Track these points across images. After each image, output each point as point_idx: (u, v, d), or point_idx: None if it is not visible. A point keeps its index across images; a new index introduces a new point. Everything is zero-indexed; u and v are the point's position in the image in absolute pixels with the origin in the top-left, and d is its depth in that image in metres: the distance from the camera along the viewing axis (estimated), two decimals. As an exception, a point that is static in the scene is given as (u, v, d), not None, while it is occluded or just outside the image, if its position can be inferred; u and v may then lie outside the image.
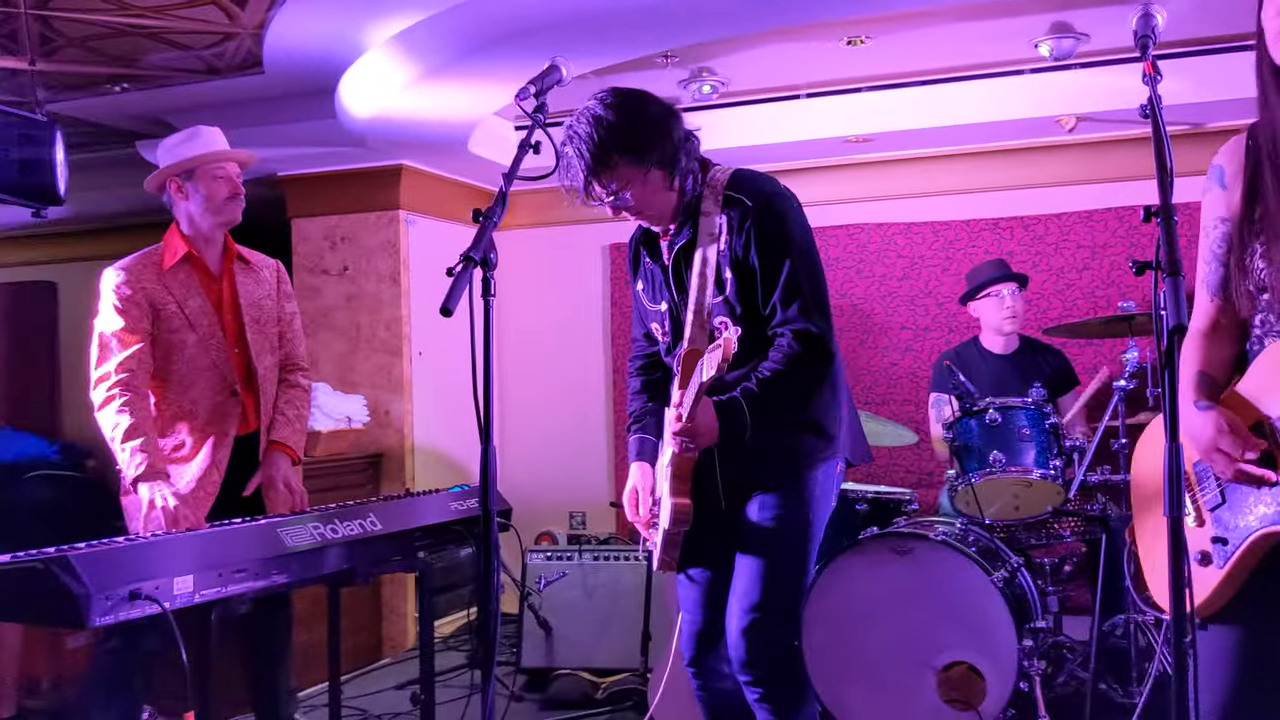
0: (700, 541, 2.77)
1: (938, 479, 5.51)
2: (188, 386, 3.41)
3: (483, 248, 2.01)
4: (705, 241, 2.67)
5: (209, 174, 3.42)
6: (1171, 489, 1.60)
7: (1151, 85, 1.84)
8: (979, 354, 4.87)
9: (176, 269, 3.42)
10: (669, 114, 2.67)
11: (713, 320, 2.65)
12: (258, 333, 3.54)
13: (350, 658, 5.35)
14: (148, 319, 3.35)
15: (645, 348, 3.02)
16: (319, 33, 4.24)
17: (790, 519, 2.73)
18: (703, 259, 2.66)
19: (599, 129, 2.57)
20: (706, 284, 2.65)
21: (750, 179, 2.74)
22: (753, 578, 2.70)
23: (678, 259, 2.74)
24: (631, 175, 2.61)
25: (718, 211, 2.68)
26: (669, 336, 2.83)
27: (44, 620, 2.58)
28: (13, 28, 4.21)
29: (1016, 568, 3.84)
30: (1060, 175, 5.67)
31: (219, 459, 3.40)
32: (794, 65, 5.00)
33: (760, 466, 2.72)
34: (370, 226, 5.95)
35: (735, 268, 2.64)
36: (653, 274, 2.85)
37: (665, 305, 2.81)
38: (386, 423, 5.90)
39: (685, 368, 2.63)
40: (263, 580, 2.71)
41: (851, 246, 6.02)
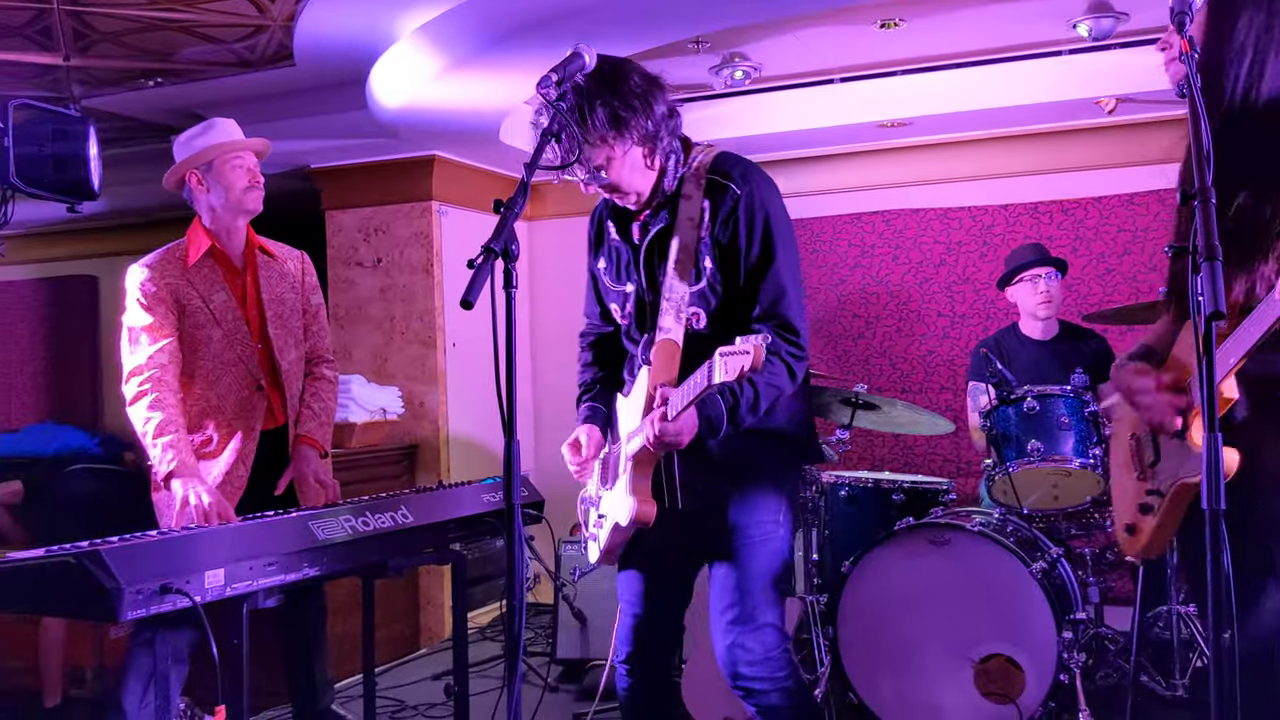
0: (649, 537, 2.65)
1: (976, 468, 5.45)
2: (214, 382, 3.42)
3: (504, 239, 1.98)
4: (685, 227, 2.56)
5: (227, 164, 3.43)
6: (1210, 481, 1.56)
7: (1189, 64, 1.79)
8: (1018, 340, 4.80)
9: (200, 264, 3.43)
10: (652, 85, 2.54)
11: (687, 309, 2.56)
12: (281, 326, 3.55)
13: (388, 648, 5.38)
14: (174, 315, 3.37)
15: (600, 326, 2.91)
16: (348, 24, 4.23)
17: (769, 527, 2.65)
18: (681, 245, 2.56)
19: (577, 100, 2.44)
20: (685, 271, 2.55)
21: (737, 164, 2.63)
22: (735, 589, 2.62)
23: (652, 243, 2.63)
24: (610, 150, 2.49)
25: (700, 196, 2.57)
26: (629, 320, 2.72)
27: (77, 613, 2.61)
28: (47, 24, 4.24)
29: (1056, 558, 3.79)
30: (1100, 158, 5.57)
31: (245, 454, 3.41)
32: (827, 49, 4.94)
33: (734, 470, 2.63)
34: (403, 218, 5.96)
35: (716, 256, 2.55)
36: (619, 252, 2.73)
37: (631, 288, 2.69)
38: (421, 414, 5.91)
39: (662, 357, 2.54)
40: (294, 573, 2.72)
41: (887, 233, 5.95)
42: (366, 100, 4.90)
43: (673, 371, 2.52)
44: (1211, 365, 1.57)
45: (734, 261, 2.53)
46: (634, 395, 2.67)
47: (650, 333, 2.62)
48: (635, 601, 2.78)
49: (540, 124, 2.42)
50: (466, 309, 1.84)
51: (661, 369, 2.53)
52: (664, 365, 2.53)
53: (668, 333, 2.55)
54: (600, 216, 2.81)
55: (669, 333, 2.55)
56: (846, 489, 4.28)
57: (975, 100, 5.22)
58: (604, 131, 2.44)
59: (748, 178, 2.58)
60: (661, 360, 2.54)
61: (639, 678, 2.80)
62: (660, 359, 2.54)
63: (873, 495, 4.24)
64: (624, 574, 2.81)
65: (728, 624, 2.62)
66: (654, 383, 2.51)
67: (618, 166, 2.51)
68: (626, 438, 2.65)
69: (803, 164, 6.13)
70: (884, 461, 5.82)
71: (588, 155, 2.47)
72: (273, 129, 5.41)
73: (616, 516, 2.63)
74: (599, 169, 2.50)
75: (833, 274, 6.06)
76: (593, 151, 2.47)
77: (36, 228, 7.78)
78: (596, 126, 2.44)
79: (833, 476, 4.36)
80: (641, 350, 2.66)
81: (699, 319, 2.56)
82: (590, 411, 2.82)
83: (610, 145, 2.47)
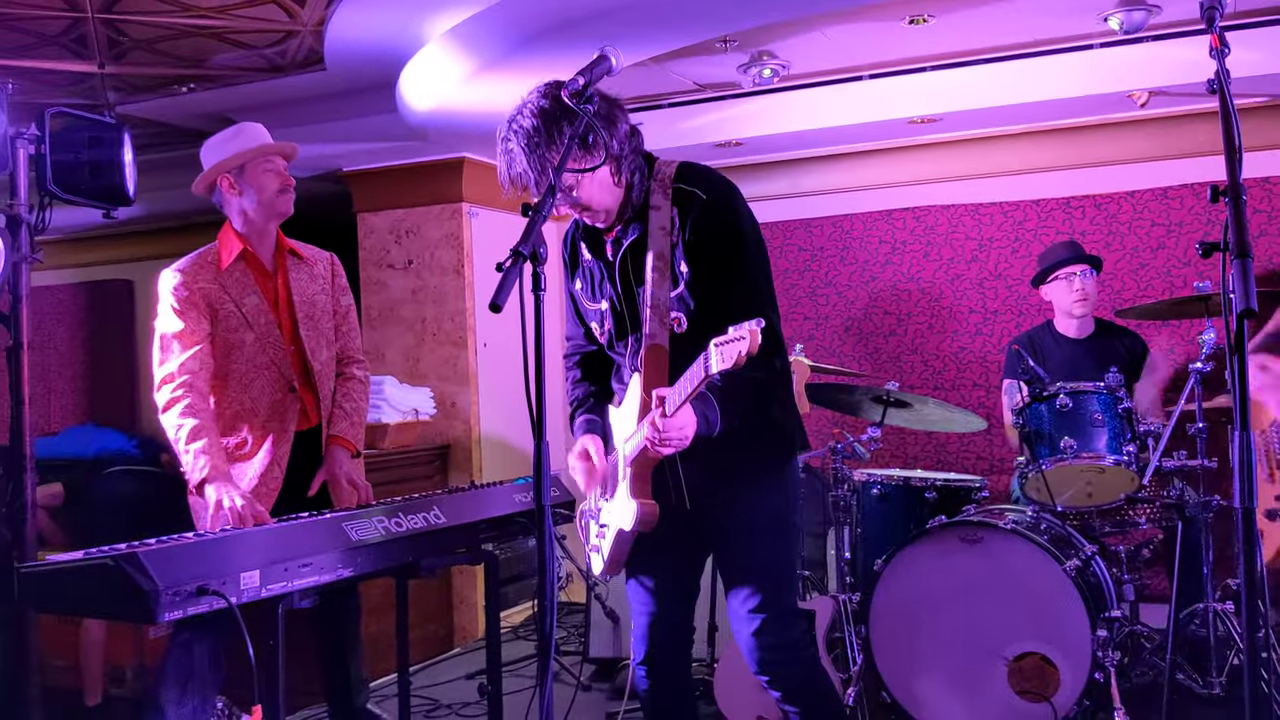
0: (654, 539, 2.67)
1: (1009, 465, 5.42)
2: (247, 385, 3.44)
3: (532, 241, 1.99)
4: (657, 235, 2.62)
5: (259, 168, 3.44)
6: (1242, 480, 1.55)
7: (1219, 59, 1.77)
8: (1053, 338, 4.77)
9: (232, 268, 3.44)
10: (613, 107, 2.58)
11: (669, 315, 2.60)
12: (312, 328, 3.56)
13: (422, 647, 5.41)
14: (206, 319, 3.38)
15: (583, 345, 2.95)
16: (377, 28, 4.26)
17: (778, 517, 2.72)
18: (657, 252, 2.61)
19: (543, 121, 2.49)
20: (663, 278, 2.60)
21: (700, 171, 2.68)
22: (752, 581, 2.69)
23: (625, 255, 2.68)
24: (574, 175, 2.54)
25: (668, 205, 2.62)
26: (609, 334, 2.77)
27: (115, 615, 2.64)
28: (81, 32, 4.29)
29: (1090, 556, 3.76)
30: (1133, 152, 5.52)
31: (279, 455, 3.43)
32: (856, 46, 4.92)
33: (735, 466, 2.68)
34: (434, 219, 5.99)
35: (690, 260, 2.59)
36: (592, 271, 2.78)
37: (605, 304, 2.75)
38: (453, 414, 5.94)
39: (651, 362, 2.59)
40: (328, 574, 2.74)
41: (918, 229, 5.93)
42: (396, 103, 4.93)
43: (664, 372, 2.58)
44: (1244, 362, 1.56)
45: (706, 264, 2.58)
46: (627, 402, 2.71)
47: (636, 341, 2.68)
48: (648, 602, 2.83)
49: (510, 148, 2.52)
50: (495, 312, 1.85)
51: (653, 372, 2.58)
52: (654, 369, 2.58)
53: (654, 338, 2.61)
54: (572, 239, 2.87)
55: (655, 338, 2.61)
56: (879, 487, 4.27)
57: (1006, 95, 5.19)
58: (572, 154, 2.47)
59: (711, 183, 2.64)
60: (651, 364, 2.59)
61: (657, 677, 2.85)
62: (650, 363, 2.60)
63: (905, 493, 4.23)
64: (633, 580, 2.86)
65: (749, 613, 2.68)
66: (646, 386, 2.56)
67: (587, 185, 2.57)
68: (623, 442, 2.69)
69: (832, 161, 6.11)
70: (916, 459, 5.80)
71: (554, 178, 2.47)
72: (304, 133, 5.47)
73: (619, 523, 2.65)
74: (569, 188, 2.55)
75: (863, 271, 6.05)
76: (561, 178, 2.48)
77: (73, 233, 7.88)
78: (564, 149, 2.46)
79: (865, 475, 4.35)
80: (629, 358, 2.71)
81: (680, 323, 2.60)
82: (588, 424, 2.86)
83: (580, 163, 2.53)
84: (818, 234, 6.18)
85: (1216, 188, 1.64)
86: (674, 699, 2.90)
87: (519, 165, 2.51)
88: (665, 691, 2.88)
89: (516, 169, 2.52)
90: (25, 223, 3.31)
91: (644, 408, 2.55)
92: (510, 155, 2.53)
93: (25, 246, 3.33)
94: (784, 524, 2.74)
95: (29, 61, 4.64)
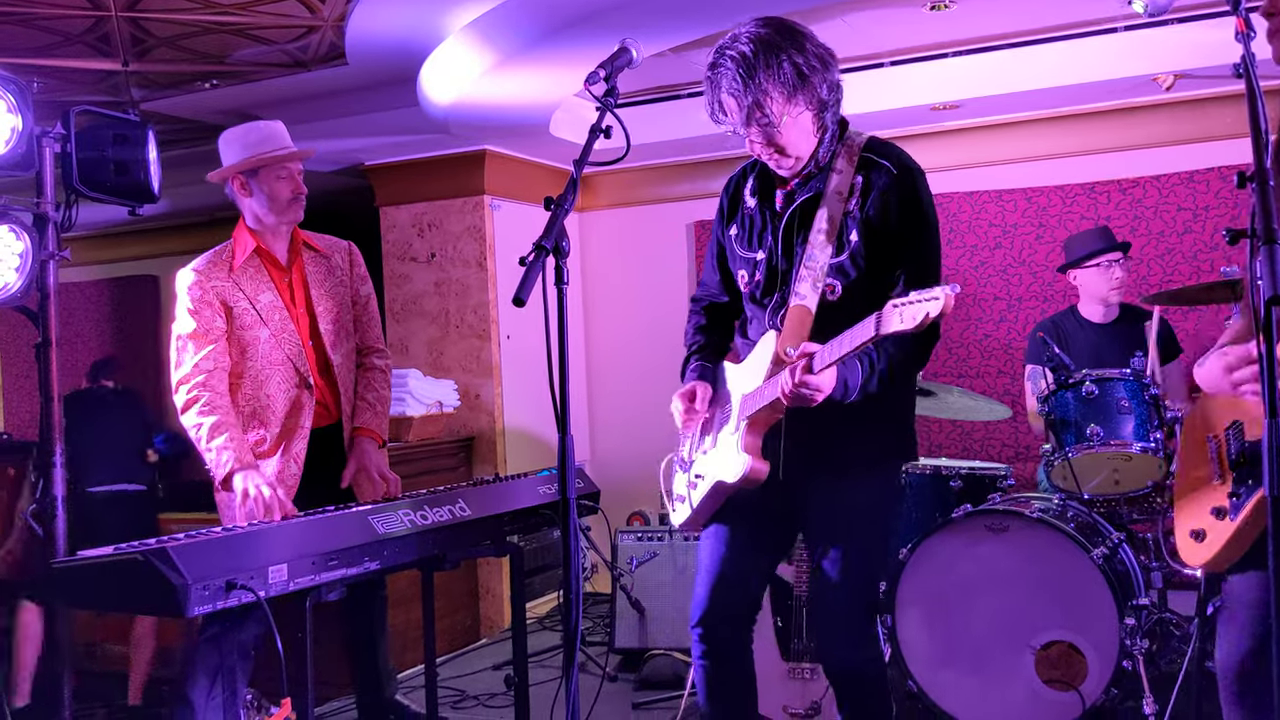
0: (751, 504, 2.63)
1: (1034, 453, 5.39)
2: (263, 382, 3.44)
3: (554, 235, 1.99)
4: (832, 199, 2.53)
5: (271, 174, 3.42)
6: (1272, 466, 1.53)
7: (1245, 43, 1.75)
8: (1077, 322, 4.73)
9: (246, 265, 3.44)
10: (829, 54, 2.51)
11: (824, 280, 2.52)
12: (331, 323, 3.55)
13: (448, 638, 5.44)
14: (221, 318, 3.39)
15: (716, 294, 2.87)
16: (398, 22, 4.27)
17: (877, 515, 2.66)
18: (828, 216, 2.53)
19: (761, 48, 2.41)
20: (828, 242, 2.51)
21: (892, 147, 2.62)
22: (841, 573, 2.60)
23: (795, 212, 2.59)
24: (782, 109, 2.45)
25: (851, 171, 2.55)
26: (757, 287, 2.67)
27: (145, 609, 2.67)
28: (105, 30, 4.32)
29: (1117, 544, 3.74)
30: (1158, 135, 5.48)
31: (295, 453, 3.43)
32: (877, 32, 4.90)
33: (848, 452, 2.59)
34: (456, 212, 6.01)
35: (863, 231, 2.51)
36: (753, 219, 2.69)
37: (762, 255, 2.65)
38: (477, 406, 5.96)
39: (794, 322, 2.52)
40: (355, 567, 2.76)
41: (941, 216, 5.78)
42: (418, 97, 4.95)
43: (803, 336, 2.49)
44: (1273, 352, 1.55)
45: (882, 238, 2.51)
46: (754, 359, 2.62)
47: (781, 298, 2.59)
48: (718, 561, 2.71)
49: (718, 75, 2.45)
50: (519, 306, 1.86)
51: (792, 333, 2.50)
52: (795, 330, 2.50)
53: (803, 299, 2.52)
54: (736, 183, 2.78)
55: (804, 299, 2.52)
56: (903, 476, 4.25)
57: (1028, 80, 5.16)
58: (787, 87, 2.41)
59: (904, 160, 2.57)
60: (793, 325, 2.52)
61: (714, 653, 2.72)
62: (792, 324, 2.52)
63: (930, 482, 4.21)
64: (711, 531, 2.75)
65: (831, 605, 2.64)
66: (783, 345, 2.49)
67: (789, 127, 2.47)
68: (742, 397, 2.60)
69: (854, 149, 6.09)
70: (940, 447, 5.78)
71: (766, 108, 2.43)
72: (326, 127, 5.49)
73: (721, 475, 2.59)
74: (770, 125, 2.45)
75: (886, 259, 6.02)
76: (770, 105, 2.42)
77: (98, 229, 7.94)
78: (780, 80, 2.41)
79: (889, 463, 4.34)
80: (769, 315, 2.62)
81: (834, 290, 2.52)
82: (701, 369, 2.79)
83: (789, 101, 2.44)
84: (840, 222, 6.15)
85: (1243, 173, 1.62)
86: (732, 681, 2.76)
87: (726, 92, 2.44)
88: (723, 670, 2.74)
89: (723, 97, 2.45)
90: (52, 221, 3.33)
91: (776, 365, 2.48)
92: (719, 83, 2.45)
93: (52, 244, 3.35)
94: (882, 523, 2.68)
95: (53, 60, 4.67)
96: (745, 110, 2.43)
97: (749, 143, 2.53)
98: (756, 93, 2.40)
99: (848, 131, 2.62)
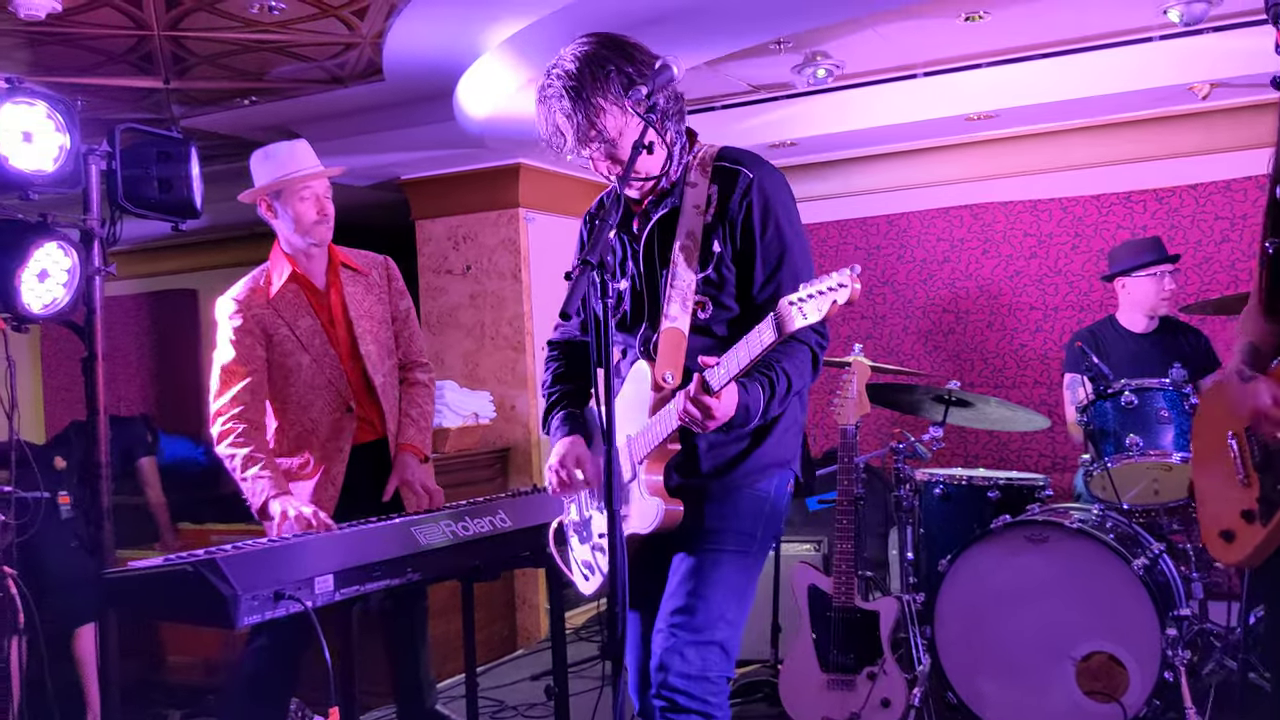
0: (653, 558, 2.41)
1: (1072, 463, 5.37)
2: (306, 407, 3.46)
3: (600, 251, 2.00)
4: (690, 214, 2.40)
5: (296, 195, 3.42)
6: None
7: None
8: (1116, 332, 4.72)
9: (283, 291, 3.45)
10: (665, 63, 2.31)
11: (693, 297, 2.37)
12: (372, 342, 3.54)
13: (485, 649, 5.46)
14: (261, 346, 3.41)
15: (575, 333, 2.72)
16: (435, 39, 4.32)
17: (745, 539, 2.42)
18: (687, 232, 2.39)
19: (587, 66, 2.32)
20: (691, 258, 2.38)
21: (745, 153, 2.49)
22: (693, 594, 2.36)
23: (652, 231, 2.45)
24: (618, 123, 2.32)
25: (706, 183, 2.42)
26: (621, 316, 2.52)
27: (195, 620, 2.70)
28: (148, 50, 4.39)
29: (1158, 554, 3.72)
30: (1195, 144, 5.45)
31: (334, 474, 3.44)
32: (910, 44, 4.90)
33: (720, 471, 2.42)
34: (491, 225, 6.05)
35: (728, 241, 2.38)
36: (613, 249, 2.52)
37: (625, 283, 2.51)
38: (512, 417, 5.99)
39: (668, 346, 2.37)
40: (398, 578, 2.80)
41: (976, 226, 5.89)
42: (454, 112, 4.99)
43: (679, 361, 2.35)
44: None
45: (747, 244, 2.38)
46: (629, 395, 2.44)
47: (651, 325, 2.45)
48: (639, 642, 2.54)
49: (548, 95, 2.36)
50: (565, 320, 1.87)
51: (667, 358, 2.36)
52: (670, 354, 2.36)
53: (674, 321, 2.38)
54: (592, 216, 2.64)
55: (675, 321, 2.38)
56: (941, 487, 4.25)
57: (1063, 90, 5.15)
58: (618, 99, 2.31)
59: (759, 164, 2.45)
60: (668, 349, 2.37)
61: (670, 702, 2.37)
62: (666, 348, 2.37)
63: (968, 493, 4.21)
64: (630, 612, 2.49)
65: (672, 627, 2.36)
66: (660, 372, 2.35)
67: (629, 139, 2.31)
68: (628, 439, 2.40)
69: (888, 159, 6.10)
70: (977, 457, 5.77)
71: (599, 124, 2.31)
72: (362, 142, 5.55)
73: (633, 528, 2.36)
74: (611, 141, 2.33)
75: (921, 269, 6.02)
76: (604, 121, 2.31)
77: (138, 244, 8.03)
78: (610, 93, 2.31)
79: (927, 474, 4.34)
80: (639, 344, 2.48)
81: (705, 307, 2.39)
82: (567, 418, 2.63)
83: (624, 114, 2.32)
84: (874, 232, 6.16)
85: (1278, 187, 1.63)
86: None
87: (559, 113, 2.32)
88: None
89: (556, 119, 2.33)
90: (98, 237, 3.38)
91: (657, 396, 2.34)
92: (549, 104, 2.35)
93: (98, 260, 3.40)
94: (747, 548, 2.43)
95: (96, 79, 4.75)
96: (578, 130, 2.32)
97: (593, 164, 2.41)
98: (587, 109, 2.30)
99: (697, 144, 2.51)
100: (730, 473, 2.43)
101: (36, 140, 2.99)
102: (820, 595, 3.82)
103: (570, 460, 2.53)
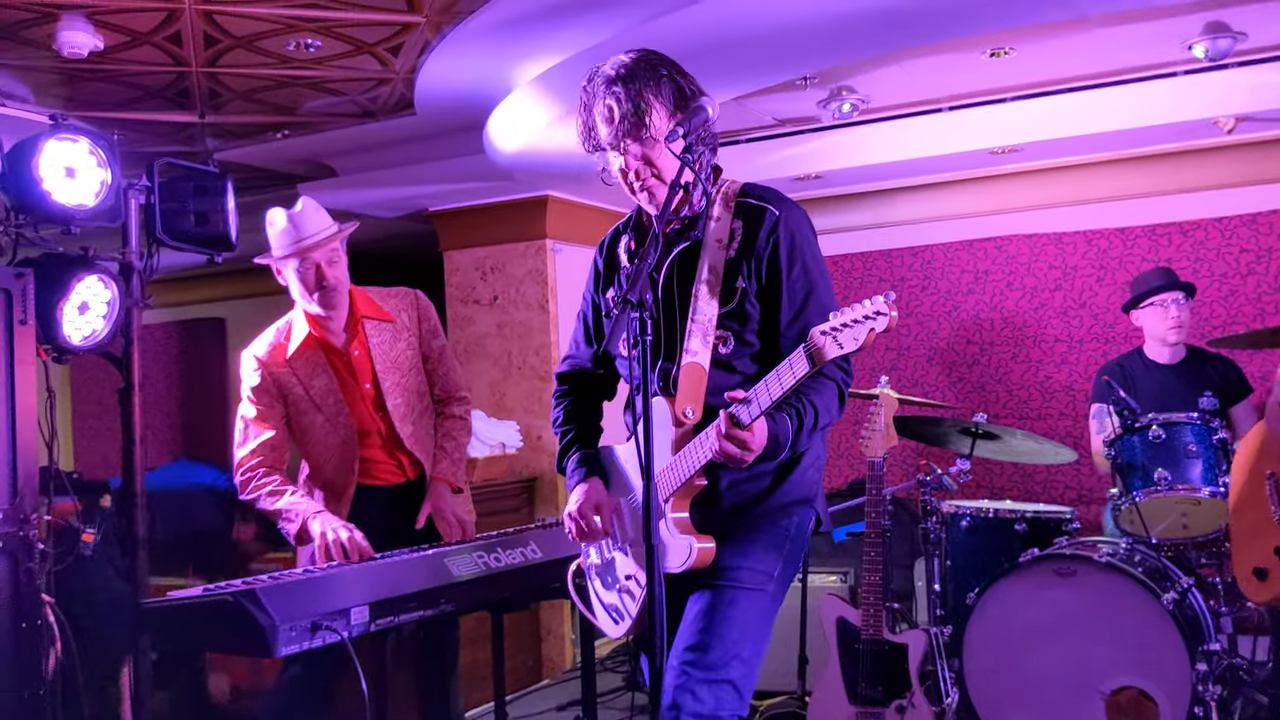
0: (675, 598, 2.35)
1: (1099, 495, 5.36)
2: (322, 465, 3.47)
3: (639, 289, 2.03)
4: (713, 248, 2.39)
5: (291, 268, 3.42)
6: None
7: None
8: (1143, 364, 4.72)
9: (301, 349, 3.44)
10: (698, 107, 2.29)
11: (714, 332, 2.36)
12: (399, 395, 3.49)
13: (512, 679, 5.47)
14: (280, 403, 3.44)
15: (587, 365, 2.68)
16: (468, 75, 4.38)
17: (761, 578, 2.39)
18: (709, 265, 2.37)
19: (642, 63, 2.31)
20: (713, 293, 2.36)
21: (769, 189, 2.48)
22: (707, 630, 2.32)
23: (673, 265, 2.43)
24: (664, 122, 2.32)
25: (730, 218, 2.41)
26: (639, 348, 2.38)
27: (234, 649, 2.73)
28: (184, 85, 4.47)
29: (1187, 588, 3.71)
30: (1220, 178, 5.46)
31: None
32: (936, 79, 4.94)
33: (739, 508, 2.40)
34: (518, 256, 6.11)
35: (751, 276, 2.37)
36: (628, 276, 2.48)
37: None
38: (539, 447, 6.02)
39: (689, 381, 2.34)
40: (432, 609, 2.83)
41: (1000, 259, 5.91)
42: (484, 145, 5.05)
43: (700, 396, 2.32)
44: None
45: (773, 280, 2.37)
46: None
47: (669, 360, 2.42)
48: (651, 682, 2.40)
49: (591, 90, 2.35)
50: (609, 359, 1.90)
51: (688, 393, 2.32)
52: (690, 390, 2.33)
53: (694, 355, 2.34)
54: (609, 245, 2.63)
55: (695, 355, 2.34)
56: (968, 519, 4.26)
57: (1088, 124, 5.17)
58: (668, 102, 2.31)
59: (784, 201, 2.45)
60: (688, 384, 2.33)
61: None
62: (687, 383, 2.33)
63: (994, 525, 4.21)
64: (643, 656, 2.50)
65: (684, 664, 2.30)
66: (680, 408, 2.32)
67: (666, 155, 2.32)
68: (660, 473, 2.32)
69: (913, 192, 6.13)
70: (1003, 490, 5.76)
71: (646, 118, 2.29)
72: (392, 175, 5.62)
73: (667, 566, 2.29)
74: (651, 141, 2.31)
75: (946, 301, 6.04)
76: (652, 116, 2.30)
77: (167, 273, 8.11)
78: (661, 94, 2.30)
79: (953, 506, 4.34)
80: (657, 379, 2.42)
81: (726, 342, 2.37)
82: (584, 460, 2.59)
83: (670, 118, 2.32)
84: (899, 265, 6.19)
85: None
86: None
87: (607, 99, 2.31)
88: None
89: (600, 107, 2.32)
90: (136, 270, 3.44)
91: (679, 432, 2.31)
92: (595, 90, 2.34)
93: (137, 292, 3.46)
94: (763, 587, 2.39)
95: (132, 114, 4.83)
96: (623, 120, 2.30)
97: (624, 163, 2.38)
98: (638, 99, 2.28)
99: (720, 177, 2.51)
100: (751, 510, 2.41)
101: (79, 176, 3.05)
102: (848, 627, 3.83)
103: (589, 507, 2.51)
